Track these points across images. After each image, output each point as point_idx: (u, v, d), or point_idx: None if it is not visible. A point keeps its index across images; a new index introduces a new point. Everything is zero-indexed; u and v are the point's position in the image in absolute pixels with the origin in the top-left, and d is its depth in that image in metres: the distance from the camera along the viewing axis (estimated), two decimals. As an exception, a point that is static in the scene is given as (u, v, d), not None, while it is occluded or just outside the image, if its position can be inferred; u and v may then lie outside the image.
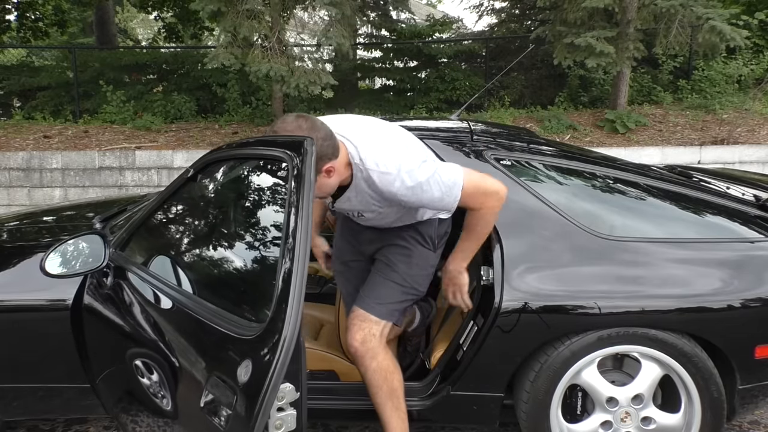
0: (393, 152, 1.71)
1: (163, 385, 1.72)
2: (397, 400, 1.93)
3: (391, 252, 2.00)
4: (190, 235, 2.09)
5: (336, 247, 2.24)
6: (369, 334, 1.91)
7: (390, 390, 1.92)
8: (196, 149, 6.69)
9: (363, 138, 1.75)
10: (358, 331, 1.92)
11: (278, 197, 1.70)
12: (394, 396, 1.92)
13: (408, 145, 1.79)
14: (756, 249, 1.97)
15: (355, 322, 1.94)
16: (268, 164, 1.80)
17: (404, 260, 1.98)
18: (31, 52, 13.34)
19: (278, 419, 1.32)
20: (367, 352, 1.90)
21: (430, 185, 1.68)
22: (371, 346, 1.90)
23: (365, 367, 1.91)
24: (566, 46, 6.44)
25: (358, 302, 1.98)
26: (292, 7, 6.84)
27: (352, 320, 1.96)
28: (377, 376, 1.90)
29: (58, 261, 2.01)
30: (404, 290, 1.98)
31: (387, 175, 1.68)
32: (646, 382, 1.92)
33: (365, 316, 1.93)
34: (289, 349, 1.27)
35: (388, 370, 1.92)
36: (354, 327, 1.93)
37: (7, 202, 6.62)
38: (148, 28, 18.96)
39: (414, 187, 1.68)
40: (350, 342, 1.93)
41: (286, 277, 1.37)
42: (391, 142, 1.77)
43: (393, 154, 1.71)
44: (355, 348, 1.92)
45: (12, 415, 2.23)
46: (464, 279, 1.95)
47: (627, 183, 2.16)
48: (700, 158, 6.43)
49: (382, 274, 1.99)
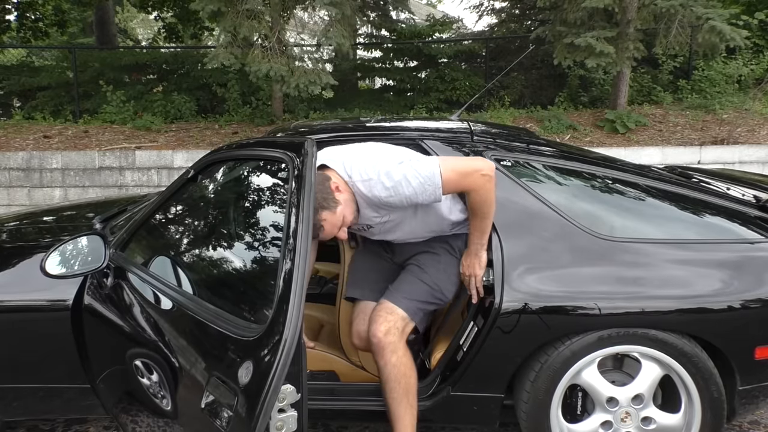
0: (370, 160, 1.86)
1: (164, 386, 1.73)
2: (413, 398, 1.95)
3: (422, 257, 2.09)
4: (190, 235, 2.09)
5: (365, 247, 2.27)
6: (393, 327, 1.95)
7: (407, 387, 1.94)
8: (196, 149, 6.69)
9: (345, 156, 1.89)
10: (384, 322, 1.96)
11: (279, 198, 1.71)
12: (410, 394, 1.95)
13: (383, 152, 1.92)
14: (756, 250, 1.97)
15: (381, 313, 1.98)
16: (268, 165, 1.80)
17: (434, 265, 2.06)
18: (31, 52, 13.34)
19: (279, 420, 1.32)
20: (388, 344, 1.93)
21: (409, 181, 1.78)
22: (393, 340, 1.93)
23: (385, 360, 1.93)
24: (566, 46, 6.44)
25: (386, 296, 2.03)
26: (292, 7, 6.84)
27: (378, 312, 1.99)
28: (396, 371, 1.93)
29: (59, 261, 2.01)
30: (432, 292, 2.04)
31: (369, 181, 1.82)
32: (646, 382, 1.92)
33: (392, 309, 1.98)
34: (290, 350, 1.27)
35: (407, 367, 1.95)
36: (380, 318, 1.97)
37: (7, 202, 6.62)
38: (148, 28, 18.96)
39: (395, 186, 1.79)
40: (374, 332, 1.95)
41: (287, 278, 1.37)
42: (368, 152, 1.92)
43: (370, 162, 1.85)
44: (378, 339, 1.94)
45: (12, 415, 2.23)
46: (482, 262, 1.96)
47: (627, 184, 2.16)
48: (700, 158, 6.43)
49: (413, 274, 2.07)
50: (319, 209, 1.79)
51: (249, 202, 1.94)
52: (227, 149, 2.02)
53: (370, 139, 2.26)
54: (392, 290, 2.05)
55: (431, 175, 1.78)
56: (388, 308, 1.99)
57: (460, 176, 1.81)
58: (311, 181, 1.46)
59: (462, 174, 1.81)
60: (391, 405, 1.95)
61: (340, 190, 1.84)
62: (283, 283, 1.38)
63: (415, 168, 1.80)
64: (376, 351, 1.96)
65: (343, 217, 1.85)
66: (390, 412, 1.96)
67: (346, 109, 8.28)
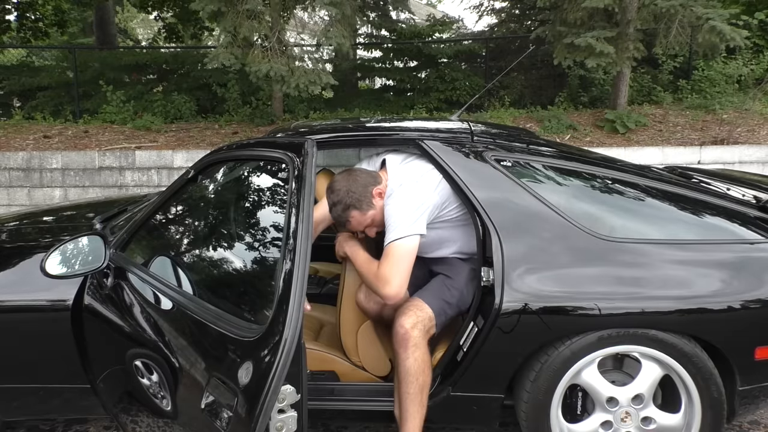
0: (408, 202, 2.01)
1: (163, 386, 1.73)
2: (425, 398, 1.97)
3: (451, 266, 2.20)
4: (190, 236, 2.10)
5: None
6: (420, 321, 2.00)
7: (423, 384, 1.96)
8: (196, 149, 6.69)
9: (405, 178, 2.08)
10: (412, 315, 2.00)
11: (279, 199, 1.71)
12: (424, 391, 1.97)
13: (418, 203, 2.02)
14: (756, 250, 1.97)
15: (410, 308, 2.03)
16: (268, 166, 1.80)
17: (463, 273, 2.16)
18: (31, 52, 13.34)
19: (279, 421, 1.32)
20: (412, 338, 1.96)
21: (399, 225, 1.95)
22: (417, 335, 1.97)
23: (407, 354, 1.95)
24: (566, 46, 6.43)
25: (418, 294, 2.10)
26: (292, 7, 6.84)
27: (408, 307, 2.03)
28: (417, 366, 1.95)
29: (59, 261, 2.01)
30: (458, 298, 2.12)
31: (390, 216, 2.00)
32: (646, 382, 1.92)
33: (422, 306, 2.04)
34: (290, 350, 1.27)
35: (427, 365, 1.98)
36: (409, 312, 2.01)
37: (7, 202, 6.62)
38: (148, 28, 18.95)
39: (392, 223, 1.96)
40: (401, 323, 1.98)
41: (287, 278, 1.37)
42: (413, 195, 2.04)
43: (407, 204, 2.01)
44: (405, 330, 1.96)
45: (12, 415, 2.23)
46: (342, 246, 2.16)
47: (627, 184, 2.16)
48: (700, 158, 6.42)
49: (443, 279, 2.17)
50: (351, 207, 2.00)
51: (249, 203, 1.94)
52: (227, 150, 2.02)
53: (370, 139, 2.27)
54: (422, 291, 2.12)
55: (409, 235, 1.94)
56: (418, 305, 2.04)
57: (390, 263, 1.92)
58: (311, 181, 1.46)
59: (390, 265, 1.92)
60: (404, 401, 1.96)
61: (381, 197, 2.04)
62: (283, 284, 1.38)
63: (410, 226, 1.95)
64: (399, 342, 1.98)
65: (372, 220, 2.05)
66: (402, 407, 1.97)
67: (346, 109, 8.28)
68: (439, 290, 2.12)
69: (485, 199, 1.99)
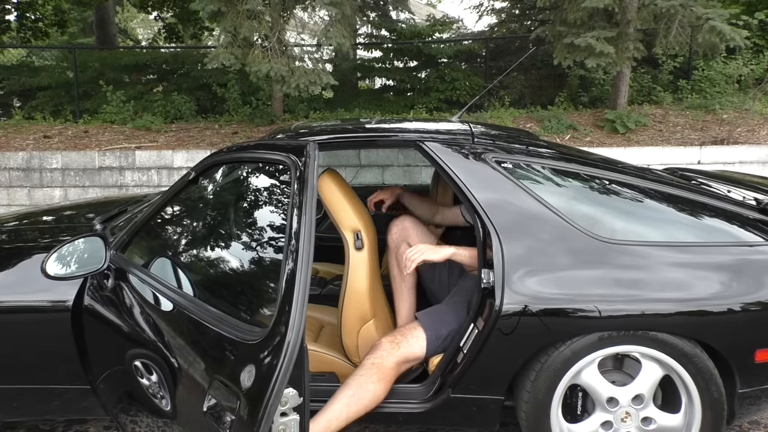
0: None
1: (164, 388, 1.73)
2: (357, 401, 1.94)
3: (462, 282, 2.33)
4: (191, 237, 2.10)
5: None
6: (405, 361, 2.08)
7: (360, 397, 1.94)
8: (196, 149, 6.69)
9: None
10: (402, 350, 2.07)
11: (281, 201, 1.71)
12: (359, 395, 1.94)
13: None
14: (756, 253, 1.97)
15: (406, 338, 2.10)
16: (270, 168, 1.80)
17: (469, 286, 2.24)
18: (31, 52, 13.31)
19: (281, 424, 1.32)
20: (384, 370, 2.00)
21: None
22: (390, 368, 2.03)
23: (371, 379, 1.97)
24: (566, 46, 6.43)
25: (427, 326, 2.14)
26: (292, 7, 6.84)
27: (405, 336, 2.11)
28: (373, 394, 1.96)
29: (59, 262, 2.01)
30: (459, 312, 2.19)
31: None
32: (646, 382, 1.92)
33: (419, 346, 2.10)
34: (293, 353, 1.27)
35: (377, 399, 1.97)
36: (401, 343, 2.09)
37: (7, 202, 6.62)
38: (148, 28, 18.94)
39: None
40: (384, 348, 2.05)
41: (289, 280, 1.37)
42: None
43: None
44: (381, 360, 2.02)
45: (12, 415, 2.23)
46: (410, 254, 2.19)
47: (627, 186, 2.16)
48: (700, 158, 6.43)
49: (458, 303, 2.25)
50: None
51: (251, 205, 1.94)
52: (228, 151, 2.02)
53: (370, 140, 2.27)
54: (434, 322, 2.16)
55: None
56: (415, 345, 2.09)
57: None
58: (313, 184, 1.46)
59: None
60: (340, 390, 1.96)
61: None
62: (285, 286, 1.38)
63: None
64: (370, 363, 2.00)
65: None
66: (336, 394, 1.96)
67: (346, 109, 8.28)
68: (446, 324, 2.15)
69: (485, 201, 1.99)
